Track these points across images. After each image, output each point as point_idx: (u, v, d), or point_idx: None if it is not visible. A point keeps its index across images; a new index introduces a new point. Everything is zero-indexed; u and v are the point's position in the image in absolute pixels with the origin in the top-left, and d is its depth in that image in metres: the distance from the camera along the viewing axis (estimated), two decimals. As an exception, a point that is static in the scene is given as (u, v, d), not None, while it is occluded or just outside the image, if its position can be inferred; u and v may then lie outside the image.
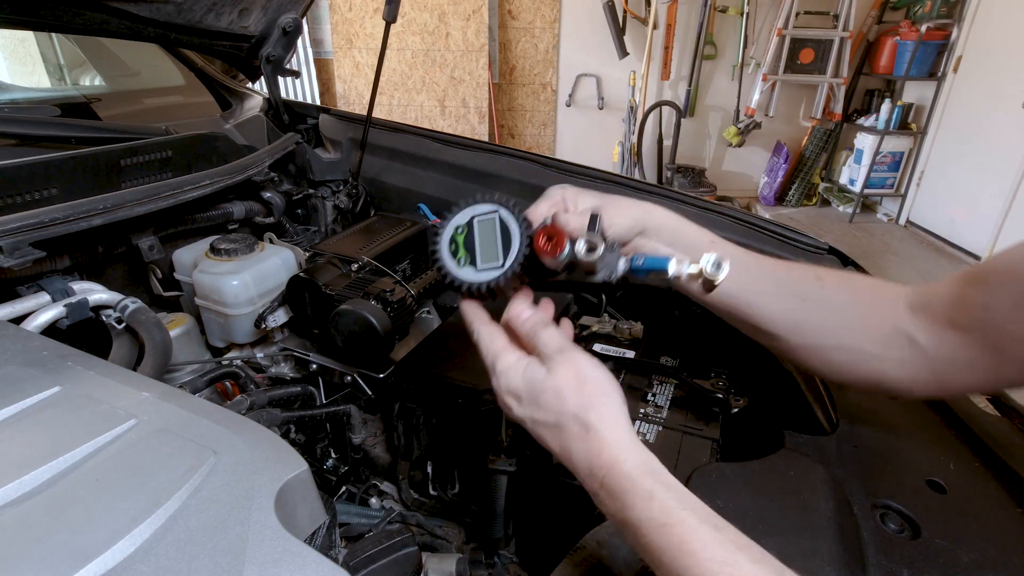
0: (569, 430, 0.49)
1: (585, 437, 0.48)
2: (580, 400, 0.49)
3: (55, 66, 1.84)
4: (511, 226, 0.56)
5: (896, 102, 4.61)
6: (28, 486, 0.42)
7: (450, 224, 0.58)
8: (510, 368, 0.53)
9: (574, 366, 0.51)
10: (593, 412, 0.48)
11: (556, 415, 0.50)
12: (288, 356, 1.08)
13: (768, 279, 0.63)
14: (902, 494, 0.60)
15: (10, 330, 0.65)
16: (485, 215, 0.57)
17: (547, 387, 0.51)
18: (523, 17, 4.94)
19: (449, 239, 0.58)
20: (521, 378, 0.52)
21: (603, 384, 0.51)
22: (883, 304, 0.59)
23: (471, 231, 0.58)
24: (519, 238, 0.55)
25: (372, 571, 0.69)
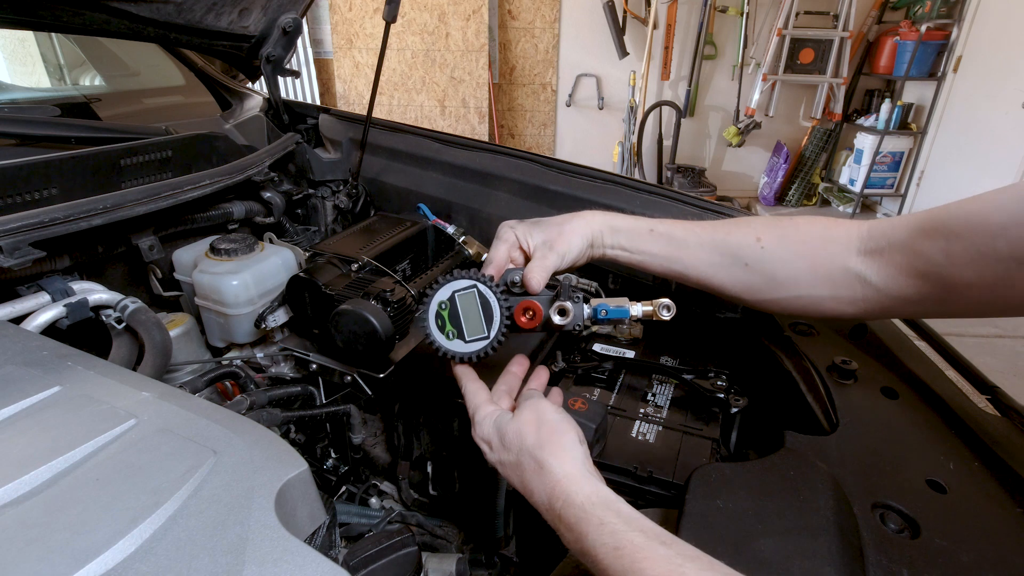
0: (527, 467, 0.54)
1: (540, 473, 0.53)
2: (537, 439, 0.55)
3: (55, 66, 1.84)
4: (491, 300, 0.63)
5: (896, 102, 4.61)
6: (28, 486, 0.42)
7: (433, 301, 0.65)
8: (485, 418, 0.61)
9: (535, 410, 0.58)
10: (547, 449, 0.54)
11: (516, 454, 0.56)
12: (288, 356, 1.08)
13: (710, 251, 0.68)
14: (902, 494, 0.60)
15: (10, 330, 0.65)
16: (464, 290, 0.64)
17: (510, 429, 0.57)
18: (523, 17, 4.94)
19: (435, 315, 0.65)
20: (493, 425, 0.59)
21: (558, 424, 0.56)
22: (832, 251, 0.62)
23: (454, 306, 0.64)
24: (500, 312, 0.63)
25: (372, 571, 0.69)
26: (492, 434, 0.59)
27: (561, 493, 0.51)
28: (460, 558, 0.88)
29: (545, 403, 0.59)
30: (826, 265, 0.62)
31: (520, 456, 0.55)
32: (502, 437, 0.58)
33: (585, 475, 0.52)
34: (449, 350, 0.66)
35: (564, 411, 0.59)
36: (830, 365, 0.80)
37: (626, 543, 0.45)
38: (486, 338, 0.64)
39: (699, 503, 0.58)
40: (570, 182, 1.21)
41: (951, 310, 0.56)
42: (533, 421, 0.56)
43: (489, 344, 0.64)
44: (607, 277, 1.25)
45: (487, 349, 0.64)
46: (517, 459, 0.56)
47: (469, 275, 0.64)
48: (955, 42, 4.35)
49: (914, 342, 0.87)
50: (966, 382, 0.79)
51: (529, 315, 0.63)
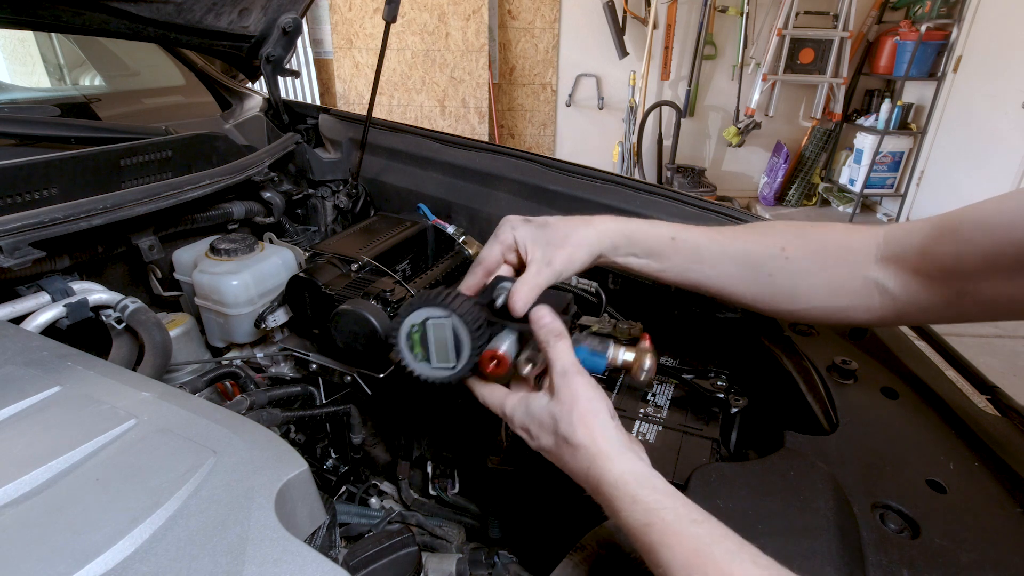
0: (564, 451, 0.54)
1: (576, 455, 0.53)
2: (570, 420, 0.54)
3: (55, 66, 1.84)
4: (462, 336, 0.61)
5: (896, 102, 4.61)
6: (28, 486, 0.42)
7: (407, 321, 0.63)
8: (516, 407, 0.60)
9: (569, 389, 0.56)
10: (580, 430, 0.53)
11: (553, 436, 0.55)
12: (288, 356, 1.08)
13: (732, 262, 0.67)
14: (902, 494, 0.60)
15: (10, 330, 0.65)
16: (439, 319, 0.62)
17: (545, 413, 0.56)
18: (523, 17, 4.94)
19: (406, 335, 0.63)
20: (526, 412, 0.59)
21: (591, 403, 0.55)
22: (852, 261, 0.62)
23: (425, 331, 0.63)
24: (470, 350, 0.61)
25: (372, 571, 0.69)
26: (528, 421, 0.59)
27: (596, 472, 0.51)
28: (460, 558, 0.88)
29: (578, 380, 0.56)
30: (846, 275, 0.62)
31: (556, 439, 0.55)
32: (539, 423, 0.57)
33: (620, 451, 0.52)
34: (414, 368, 0.65)
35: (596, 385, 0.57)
36: (830, 365, 0.80)
37: (657, 520, 0.46)
38: (451, 369, 0.63)
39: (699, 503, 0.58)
40: (570, 182, 1.21)
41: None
42: (568, 401, 0.55)
43: (452, 376, 0.63)
44: (607, 277, 1.25)
45: (450, 379, 0.63)
46: (555, 442, 0.55)
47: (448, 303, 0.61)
48: (955, 42, 4.35)
49: (914, 342, 0.87)
50: (966, 382, 0.79)
51: (494, 364, 0.61)
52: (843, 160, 5.17)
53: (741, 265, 0.66)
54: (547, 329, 0.59)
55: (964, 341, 3.07)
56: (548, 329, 0.59)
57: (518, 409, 0.60)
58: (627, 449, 0.53)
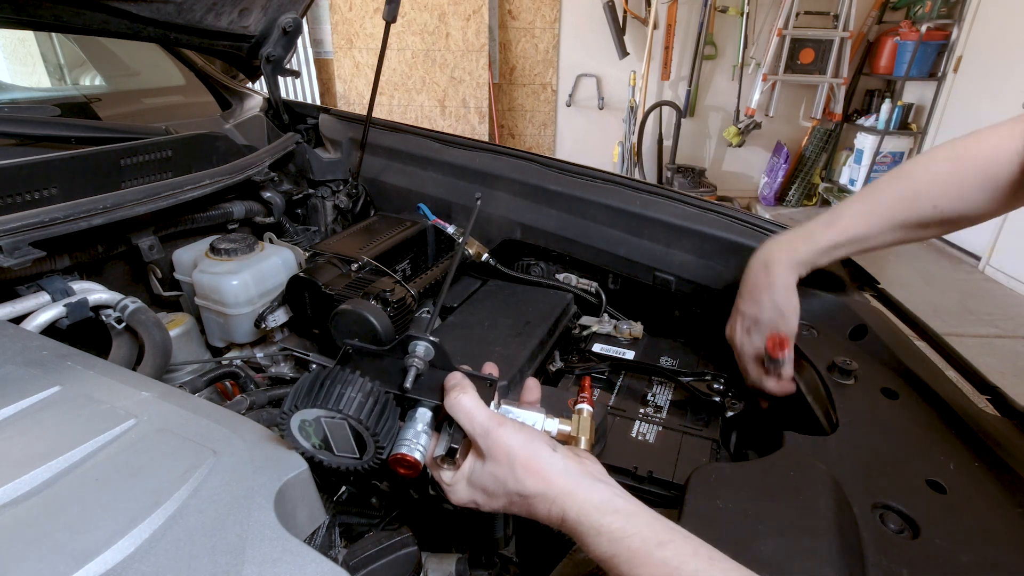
0: (522, 505, 0.53)
1: (534, 504, 0.52)
2: (515, 476, 0.52)
3: (55, 66, 1.84)
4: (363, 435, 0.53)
5: (896, 102, 4.61)
6: (28, 486, 0.42)
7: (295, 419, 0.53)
8: (456, 483, 0.56)
9: (499, 445, 0.53)
10: (529, 481, 0.51)
11: (506, 496, 0.53)
12: (288, 356, 1.08)
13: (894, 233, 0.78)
14: (902, 494, 0.60)
15: (10, 330, 0.65)
16: (332, 418, 0.53)
17: (487, 478, 0.54)
18: (523, 17, 4.94)
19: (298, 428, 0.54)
20: (468, 484, 0.55)
21: (526, 449, 0.53)
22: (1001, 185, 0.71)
23: (320, 426, 0.54)
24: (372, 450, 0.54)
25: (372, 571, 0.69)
26: (473, 493, 0.56)
27: (557, 511, 0.50)
28: (460, 558, 0.88)
29: (502, 433, 0.53)
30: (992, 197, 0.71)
31: (510, 498, 0.53)
32: (484, 489, 0.54)
33: (576, 481, 0.51)
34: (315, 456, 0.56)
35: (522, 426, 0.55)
36: (830, 365, 0.80)
37: (623, 550, 0.45)
38: (357, 459, 0.56)
39: (699, 503, 0.58)
40: (570, 182, 1.21)
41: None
42: (503, 458, 0.52)
43: (359, 465, 0.56)
44: (607, 277, 1.25)
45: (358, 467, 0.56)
46: (509, 500, 0.53)
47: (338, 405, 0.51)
48: (955, 42, 4.35)
49: (914, 342, 0.87)
50: (966, 382, 0.79)
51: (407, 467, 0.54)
52: (843, 160, 5.17)
53: (903, 232, 0.77)
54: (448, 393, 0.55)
55: (964, 341, 3.07)
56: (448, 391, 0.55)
57: (457, 484, 0.56)
58: (582, 476, 0.51)
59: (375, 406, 0.53)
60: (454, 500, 0.57)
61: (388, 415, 0.55)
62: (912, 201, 0.75)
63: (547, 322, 1.06)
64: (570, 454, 0.54)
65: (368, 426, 0.52)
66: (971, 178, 0.72)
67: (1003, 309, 3.41)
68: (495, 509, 0.56)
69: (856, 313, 0.90)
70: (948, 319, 3.32)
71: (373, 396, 0.53)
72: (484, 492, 0.55)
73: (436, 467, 0.57)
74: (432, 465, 0.58)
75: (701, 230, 1.08)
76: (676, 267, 1.09)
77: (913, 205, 0.75)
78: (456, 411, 0.54)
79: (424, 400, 0.58)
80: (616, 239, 1.15)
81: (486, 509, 0.56)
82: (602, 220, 1.16)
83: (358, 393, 0.52)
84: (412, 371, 0.58)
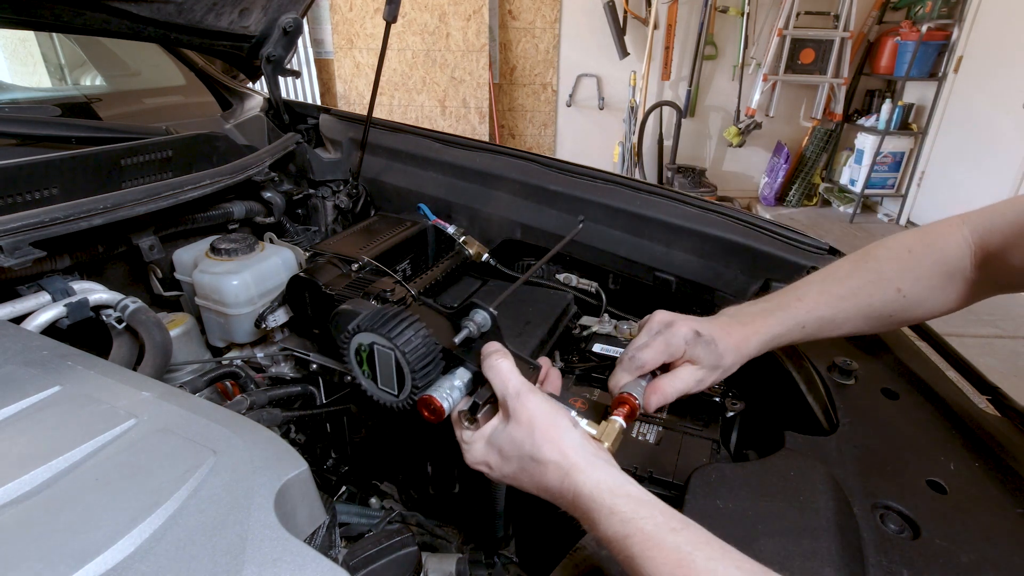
0: (534, 470, 0.53)
1: (546, 472, 0.52)
2: (533, 440, 0.53)
3: (56, 66, 1.84)
4: (404, 371, 0.59)
5: (897, 102, 4.61)
6: (28, 486, 0.42)
7: (354, 340, 0.62)
8: (474, 442, 0.59)
9: (526, 410, 0.55)
10: (546, 447, 0.52)
11: (519, 461, 0.54)
12: (288, 356, 1.08)
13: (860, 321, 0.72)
14: (902, 494, 0.60)
15: (10, 330, 0.65)
16: (383, 347, 0.60)
17: (505, 439, 0.55)
18: (523, 17, 4.94)
19: (355, 351, 0.62)
20: (486, 444, 0.57)
21: (551, 418, 0.54)
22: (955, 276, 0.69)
23: (372, 353, 0.61)
24: (409, 388, 0.60)
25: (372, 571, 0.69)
26: (487, 453, 0.57)
27: (570, 484, 0.50)
28: (460, 558, 0.88)
29: (532, 399, 0.55)
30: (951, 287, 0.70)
31: (522, 462, 0.54)
32: (500, 450, 0.56)
33: (591, 461, 0.51)
34: (361, 382, 0.64)
35: (551, 400, 0.57)
36: (830, 365, 0.80)
37: (635, 531, 0.45)
38: (395, 396, 0.62)
39: (699, 503, 0.58)
40: (570, 182, 1.21)
41: None
42: (526, 421, 0.54)
43: (395, 403, 0.62)
44: (607, 277, 1.25)
45: (393, 405, 0.62)
46: (520, 465, 0.54)
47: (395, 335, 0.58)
48: (956, 42, 4.35)
49: (914, 342, 0.87)
50: (966, 382, 0.79)
51: (431, 409, 0.59)
52: (844, 160, 5.17)
53: (867, 321, 0.72)
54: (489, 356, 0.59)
55: (964, 341, 3.07)
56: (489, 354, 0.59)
57: (475, 442, 0.58)
58: (596, 456, 0.52)
59: (424, 350, 0.59)
60: (469, 458, 0.59)
61: (432, 364, 0.59)
62: (876, 284, 0.71)
63: (547, 322, 1.06)
64: (588, 437, 0.55)
65: (412, 364, 0.57)
66: (929, 265, 0.70)
67: (1003, 309, 3.41)
68: (505, 475, 0.57)
69: (856, 313, 0.90)
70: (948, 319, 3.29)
71: (426, 343, 0.59)
72: (500, 454, 0.56)
73: (458, 423, 0.60)
74: (455, 420, 0.61)
75: (701, 230, 1.07)
76: (676, 267, 1.09)
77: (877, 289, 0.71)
78: (493, 372, 0.57)
79: (467, 363, 0.62)
80: (616, 239, 1.15)
81: (496, 474, 0.58)
82: (602, 220, 1.16)
83: (414, 334, 0.58)
84: (464, 332, 0.62)
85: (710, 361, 0.67)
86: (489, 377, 0.57)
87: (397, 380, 0.60)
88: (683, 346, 0.67)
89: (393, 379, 0.60)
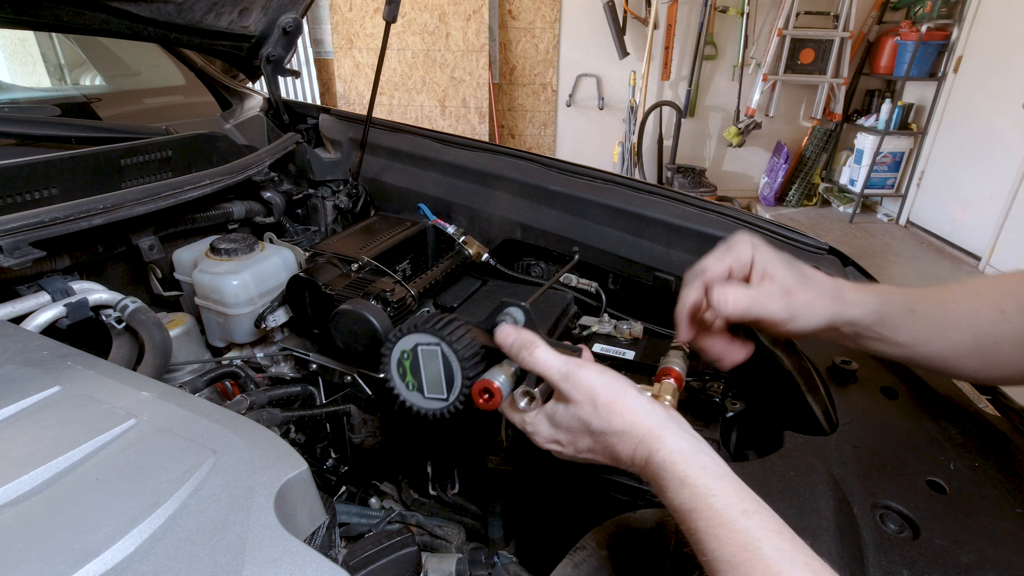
0: (609, 441, 0.52)
1: (618, 443, 0.52)
2: (598, 415, 0.52)
3: (55, 66, 1.84)
4: (453, 365, 0.59)
5: (896, 102, 4.61)
6: (28, 486, 0.42)
7: (396, 348, 0.61)
8: (536, 422, 0.58)
9: (580, 388, 0.53)
10: (615, 419, 0.51)
11: (590, 436, 0.54)
12: (288, 356, 1.08)
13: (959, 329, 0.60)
14: (902, 494, 0.60)
15: (10, 330, 0.65)
16: (428, 346, 0.59)
17: (571, 419, 0.54)
18: (523, 17, 4.94)
19: (397, 362, 0.61)
20: (551, 424, 0.56)
21: (611, 387, 0.53)
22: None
23: (416, 358, 0.60)
24: (460, 380, 0.59)
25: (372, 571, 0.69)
26: (555, 432, 0.56)
27: (643, 451, 0.50)
28: (460, 558, 0.88)
29: (583, 375, 0.53)
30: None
31: (593, 438, 0.53)
32: (568, 429, 0.55)
33: (664, 425, 0.50)
34: (407, 399, 0.63)
35: (605, 368, 0.55)
36: (830, 365, 0.80)
37: (703, 507, 0.44)
38: (444, 401, 0.61)
39: (699, 503, 0.58)
40: (570, 182, 1.21)
41: None
42: (586, 399, 0.52)
43: (445, 409, 0.61)
44: (607, 277, 1.25)
45: (443, 412, 0.61)
46: (592, 441, 0.54)
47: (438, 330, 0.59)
48: (955, 42, 4.35)
49: (914, 342, 0.87)
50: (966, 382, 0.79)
51: (486, 397, 0.57)
52: (843, 160, 5.17)
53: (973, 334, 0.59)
54: (516, 344, 0.57)
55: (964, 341, 3.06)
56: (517, 344, 0.56)
57: (540, 424, 0.57)
58: (668, 420, 0.51)
59: (468, 339, 0.59)
60: (538, 440, 0.58)
61: (478, 355, 0.59)
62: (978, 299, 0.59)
63: (547, 322, 1.06)
64: (654, 401, 0.54)
65: (460, 353, 0.57)
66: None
67: (1003, 309, 3.40)
68: (580, 450, 0.56)
69: (856, 313, 0.90)
70: None
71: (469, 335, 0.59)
72: (568, 432, 0.55)
73: (515, 408, 0.59)
74: (511, 406, 0.60)
75: (701, 230, 1.07)
76: (676, 267, 1.09)
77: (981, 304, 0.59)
78: (532, 364, 0.56)
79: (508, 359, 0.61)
80: (616, 239, 1.15)
81: (569, 451, 0.57)
82: (602, 220, 1.16)
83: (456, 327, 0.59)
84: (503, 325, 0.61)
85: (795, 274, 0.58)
86: (529, 369, 0.56)
87: (446, 380, 0.60)
88: (749, 249, 0.59)
89: (441, 380, 0.60)
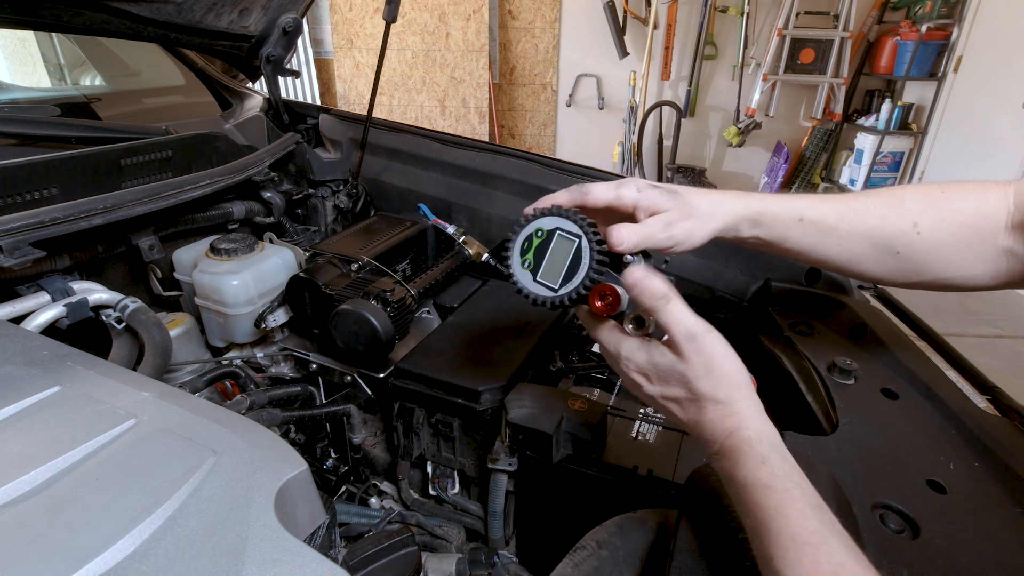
0: (701, 405, 0.53)
1: (715, 408, 0.53)
2: (710, 382, 0.53)
3: (55, 66, 1.84)
4: (583, 262, 0.57)
5: (896, 102, 4.61)
6: (28, 486, 0.42)
7: (535, 224, 0.59)
8: (635, 351, 0.57)
9: (701, 355, 0.53)
10: (721, 392, 0.53)
11: (685, 391, 0.54)
12: (288, 356, 1.08)
13: (861, 241, 0.65)
14: (902, 494, 0.60)
15: (10, 330, 0.65)
16: (568, 235, 0.58)
17: (672, 371, 0.54)
18: (523, 17, 4.94)
19: (526, 236, 0.60)
20: (649, 361, 0.56)
21: (731, 367, 0.54)
22: (984, 228, 0.61)
23: (548, 240, 0.59)
24: (581, 278, 0.57)
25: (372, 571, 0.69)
26: (649, 369, 0.56)
27: (732, 424, 0.51)
28: (460, 558, 0.88)
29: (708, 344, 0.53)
30: (978, 246, 0.61)
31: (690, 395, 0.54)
32: (663, 376, 0.55)
33: (759, 410, 0.52)
34: (514, 272, 0.61)
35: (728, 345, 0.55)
36: (830, 365, 0.80)
37: (780, 487, 0.46)
38: (551, 291, 0.59)
39: (699, 504, 0.58)
40: (570, 182, 1.21)
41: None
42: (702, 365, 0.53)
43: (549, 299, 0.59)
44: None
45: (548, 301, 0.59)
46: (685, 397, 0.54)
47: (585, 224, 0.56)
48: (955, 42, 4.35)
49: (914, 342, 0.87)
50: (966, 382, 0.79)
51: (606, 302, 0.56)
52: (844, 160, 5.17)
53: (870, 244, 0.64)
54: (649, 293, 0.54)
55: (964, 341, 3.07)
56: (651, 293, 0.54)
57: (638, 354, 0.56)
58: (762, 407, 0.53)
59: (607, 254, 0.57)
60: (626, 365, 0.57)
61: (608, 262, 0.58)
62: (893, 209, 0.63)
63: (547, 322, 1.06)
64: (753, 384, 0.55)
65: (595, 253, 0.55)
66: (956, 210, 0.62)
67: (1003, 309, 3.41)
68: (660, 396, 0.56)
69: (856, 313, 0.90)
70: (948, 319, 3.32)
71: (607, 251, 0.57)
72: (658, 376, 0.55)
73: (620, 330, 0.58)
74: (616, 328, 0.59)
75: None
76: (676, 267, 1.09)
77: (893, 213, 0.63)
78: (665, 314, 0.54)
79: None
80: (616, 239, 1.15)
81: (648, 392, 0.57)
82: (602, 220, 1.16)
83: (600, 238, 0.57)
84: None
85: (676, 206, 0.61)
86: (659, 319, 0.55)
87: (565, 273, 0.58)
88: (634, 192, 0.62)
89: (561, 272, 0.58)
